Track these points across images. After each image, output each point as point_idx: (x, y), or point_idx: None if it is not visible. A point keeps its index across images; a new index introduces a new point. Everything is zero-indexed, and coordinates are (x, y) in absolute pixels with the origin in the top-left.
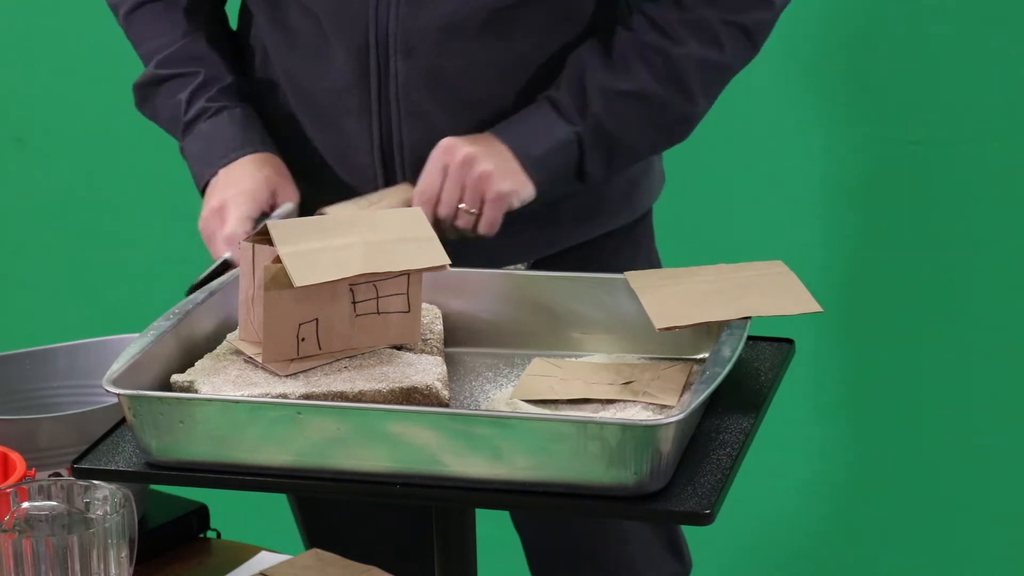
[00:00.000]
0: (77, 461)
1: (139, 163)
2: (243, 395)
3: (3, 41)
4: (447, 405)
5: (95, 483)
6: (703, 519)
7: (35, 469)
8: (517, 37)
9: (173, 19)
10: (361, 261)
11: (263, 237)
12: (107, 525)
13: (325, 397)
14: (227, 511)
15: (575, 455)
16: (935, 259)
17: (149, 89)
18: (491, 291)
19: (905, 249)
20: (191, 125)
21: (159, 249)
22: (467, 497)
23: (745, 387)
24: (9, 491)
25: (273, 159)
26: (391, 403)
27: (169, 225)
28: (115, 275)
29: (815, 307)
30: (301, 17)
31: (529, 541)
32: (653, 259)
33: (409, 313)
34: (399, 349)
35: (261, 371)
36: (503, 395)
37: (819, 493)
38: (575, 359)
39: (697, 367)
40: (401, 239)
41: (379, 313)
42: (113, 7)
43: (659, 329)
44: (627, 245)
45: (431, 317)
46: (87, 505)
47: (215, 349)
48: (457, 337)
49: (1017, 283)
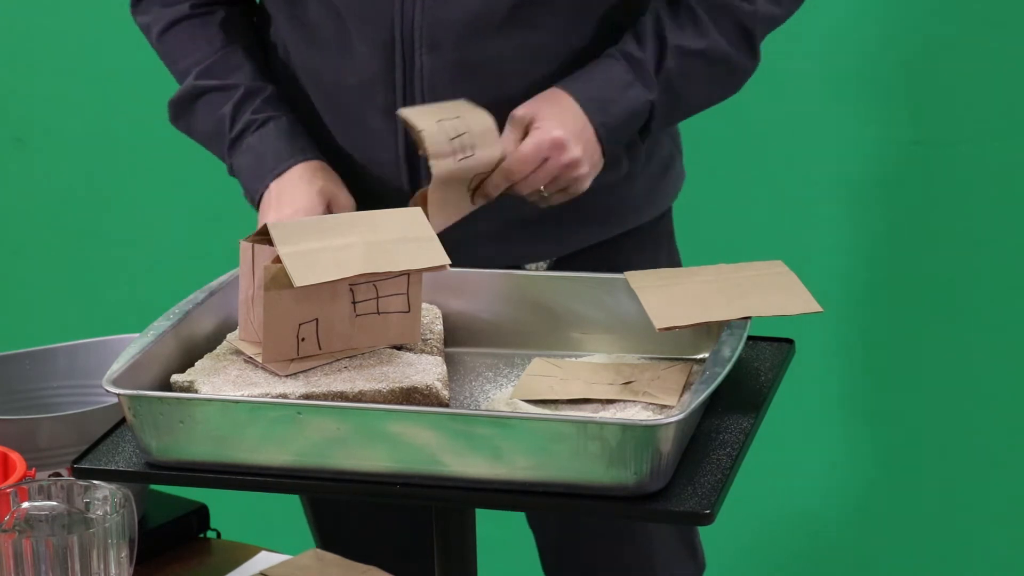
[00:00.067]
0: (77, 461)
1: (139, 163)
2: (243, 395)
3: (3, 41)
4: (447, 405)
5: (95, 483)
6: (703, 519)
7: (35, 469)
8: (541, 29)
9: (209, 35)
10: (361, 261)
11: (263, 237)
12: (107, 525)
13: (325, 397)
14: (227, 511)
15: (575, 455)
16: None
17: (186, 104)
18: (491, 291)
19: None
20: (238, 140)
21: (159, 249)
22: (467, 497)
23: (745, 387)
24: (9, 491)
25: (323, 167)
26: (391, 403)
27: (169, 225)
28: (115, 275)
29: (815, 307)
30: (321, 13)
31: (544, 541)
32: (673, 257)
33: (409, 313)
34: (399, 349)
35: (261, 371)
36: (503, 395)
37: (819, 493)
38: (575, 359)
39: (697, 367)
40: (401, 239)
41: (379, 313)
42: (145, 28)
43: (659, 329)
44: (648, 243)
45: (431, 317)
46: (87, 505)
47: (215, 349)
48: (457, 337)
49: (1020, 283)
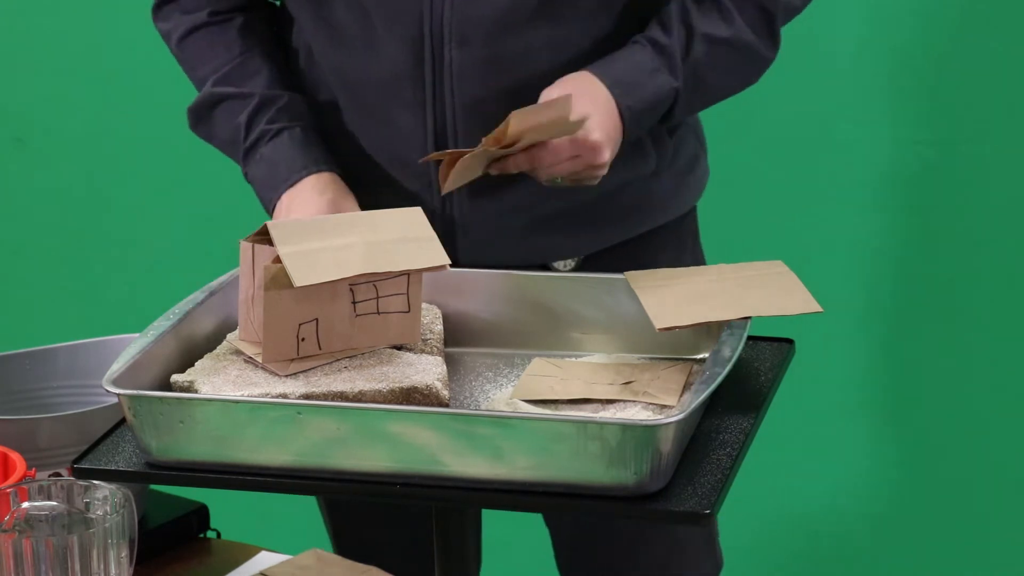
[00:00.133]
0: (77, 461)
1: (139, 163)
2: (243, 395)
3: (3, 41)
4: (447, 405)
5: (95, 483)
6: (703, 519)
7: (35, 469)
8: (569, 22)
9: (227, 41)
10: (361, 261)
11: (263, 237)
12: (107, 525)
13: (325, 397)
14: (227, 511)
15: (575, 455)
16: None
17: (204, 111)
18: (491, 291)
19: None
20: (252, 150)
21: (159, 249)
22: (467, 497)
23: (745, 387)
24: (9, 491)
25: (334, 179)
26: (391, 403)
27: (169, 225)
28: (115, 275)
29: (815, 307)
30: (348, 12)
31: (561, 539)
32: (698, 257)
33: (409, 313)
34: (399, 349)
35: (261, 371)
36: (503, 395)
37: (819, 493)
38: (575, 359)
39: (697, 367)
40: (401, 239)
41: (379, 313)
42: (165, 34)
43: (659, 329)
44: (672, 242)
45: (431, 317)
46: (87, 505)
47: (215, 349)
48: (457, 337)
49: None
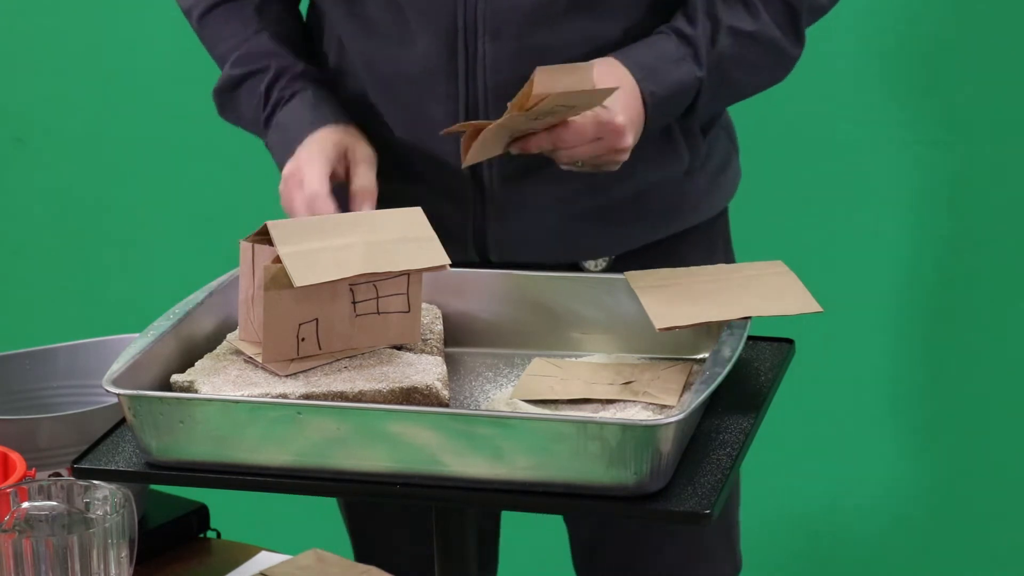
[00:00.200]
0: (77, 461)
1: (139, 163)
2: (243, 395)
3: (3, 41)
4: (447, 405)
5: (95, 483)
6: (703, 519)
7: (35, 469)
8: (602, 15)
9: (244, 18)
10: (361, 261)
11: (263, 237)
12: (107, 525)
13: (325, 397)
14: (227, 511)
15: (575, 455)
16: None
17: (228, 94)
18: (491, 291)
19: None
20: (270, 119)
21: (159, 249)
22: (467, 497)
23: (745, 387)
24: (9, 491)
25: (345, 127)
26: (391, 403)
27: (169, 225)
28: (115, 275)
29: (815, 307)
30: (380, 6)
31: (579, 540)
32: (729, 258)
33: (409, 313)
34: (399, 349)
35: (261, 371)
36: (503, 395)
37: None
38: (575, 359)
39: (697, 367)
40: (401, 239)
41: (379, 313)
42: (186, 11)
43: (659, 329)
44: (703, 243)
45: (431, 317)
46: (87, 505)
47: (215, 349)
48: (457, 337)
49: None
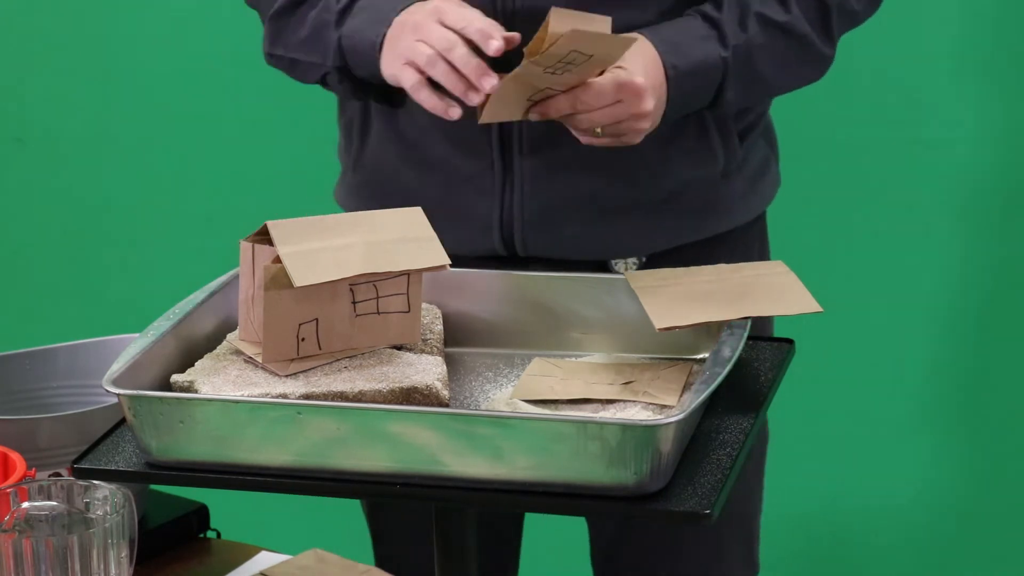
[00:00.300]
0: (77, 461)
1: (139, 163)
2: (243, 395)
3: (3, 41)
4: (447, 405)
5: (95, 483)
6: (703, 519)
7: (35, 469)
8: (645, 7)
9: None
10: (361, 261)
11: (263, 237)
12: (107, 525)
13: (325, 397)
14: (227, 511)
15: (575, 455)
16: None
17: (286, 17)
18: (491, 291)
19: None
20: (347, 10)
21: (159, 249)
22: (467, 497)
23: (745, 387)
24: (9, 491)
25: None
26: (391, 403)
27: (169, 225)
28: (115, 275)
29: (815, 307)
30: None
31: (600, 541)
32: None
33: (409, 313)
34: (399, 349)
35: (261, 371)
36: (503, 395)
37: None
38: (575, 359)
39: (697, 367)
40: (401, 239)
41: (379, 313)
42: None
43: (659, 329)
44: (739, 248)
45: (431, 317)
46: (87, 505)
47: (215, 349)
48: (457, 337)
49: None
